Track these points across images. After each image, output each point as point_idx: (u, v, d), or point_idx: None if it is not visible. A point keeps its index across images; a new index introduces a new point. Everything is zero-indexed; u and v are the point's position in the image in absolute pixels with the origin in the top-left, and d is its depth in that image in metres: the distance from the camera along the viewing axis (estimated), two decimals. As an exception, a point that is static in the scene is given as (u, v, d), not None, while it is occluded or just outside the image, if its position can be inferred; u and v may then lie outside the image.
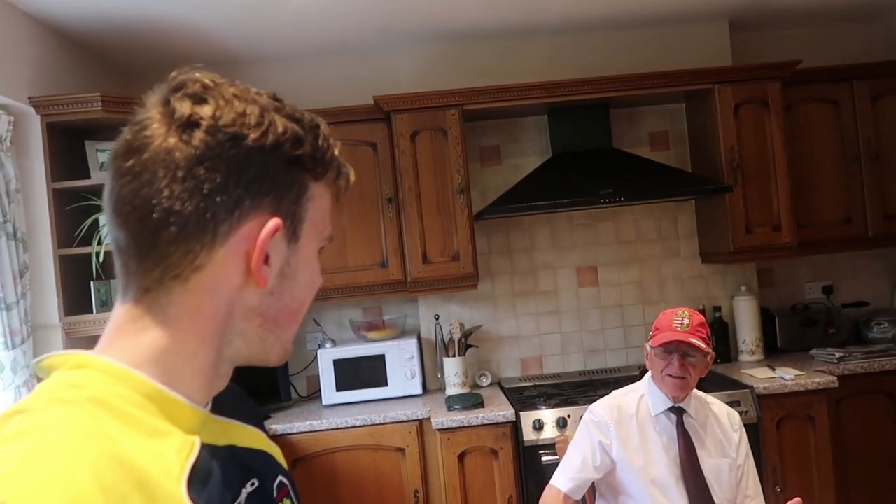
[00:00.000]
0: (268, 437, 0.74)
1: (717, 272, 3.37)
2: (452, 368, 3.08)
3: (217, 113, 0.61)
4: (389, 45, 3.25)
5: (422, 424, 2.84)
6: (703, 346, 1.85)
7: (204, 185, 0.60)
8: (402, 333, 3.27)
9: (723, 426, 1.96)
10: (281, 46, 3.19)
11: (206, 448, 0.61)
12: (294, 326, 0.70)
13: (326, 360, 3.08)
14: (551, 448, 2.46)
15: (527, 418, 2.72)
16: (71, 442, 0.53)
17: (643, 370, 2.04)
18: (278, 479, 0.72)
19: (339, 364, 3.09)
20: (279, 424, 2.82)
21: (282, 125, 0.64)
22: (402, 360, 3.10)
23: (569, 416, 2.70)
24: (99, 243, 2.52)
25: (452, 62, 3.28)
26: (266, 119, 0.63)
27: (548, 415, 2.73)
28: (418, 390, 3.11)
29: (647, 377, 2.00)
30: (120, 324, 0.63)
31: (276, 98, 0.66)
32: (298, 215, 0.65)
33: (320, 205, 0.68)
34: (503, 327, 3.35)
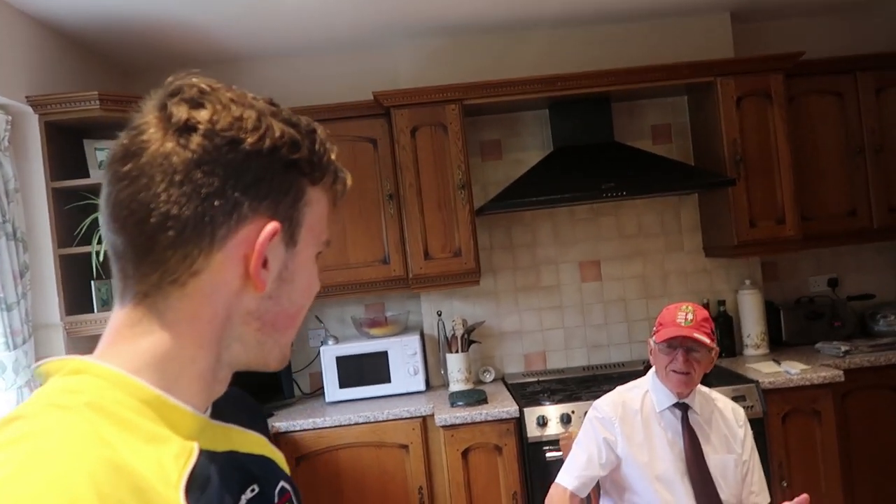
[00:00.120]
0: (270, 442, 0.74)
1: (720, 266, 3.35)
2: (455, 364, 3.07)
3: (214, 117, 0.62)
4: (388, 40, 3.23)
5: (425, 421, 2.83)
6: (708, 341, 1.84)
7: (202, 189, 0.60)
8: (405, 330, 3.26)
9: (728, 422, 1.95)
10: (279, 43, 3.17)
11: (205, 454, 0.61)
12: (292, 331, 0.69)
13: (329, 357, 3.08)
14: (555, 444, 2.45)
15: (530, 414, 2.71)
16: (68, 447, 0.52)
17: (647, 365, 2.02)
18: (280, 485, 0.72)
19: (342, 361, 3.08)
20: (282, 422, 2.81)
21: (279, 129, 0.64)
22: (404, 356, 3.09)
23: (573, 412, 2.69)
24: (99, 242, 2.51)
25: (452, 57, 3.26)
26: (263, 123, 0.63)
27: (552, 411, 2.72)
28: (421, 387, 3.10)
29: (651, 373, 1.99)
30: (118, 328, 0.63)
31: (272, 103, 0.66)
32: (296, 219, 0.65)
33: (317, 209, 0.68)
34: (506, 323, 3.34)
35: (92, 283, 2.63)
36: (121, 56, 3.10)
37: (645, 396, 1.96)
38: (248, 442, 0.70)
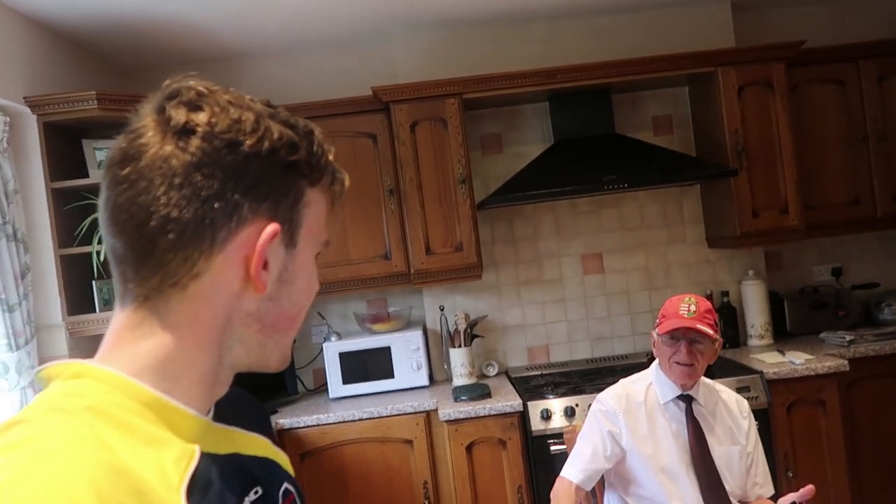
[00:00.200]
0: (274, 444, 0.74)
1: (723, 257, 3.34)
2: (458, 359, 3.07)
3: (213, 120, 0.62)
4: (387, 34, 3.22)
5: (429, 416, 2.83)
6: (711, 332, 1.83)
7: (201, 191, 0.60)
8: (408, 325, 3.26)
9: (732, 413, 1.94)
10: (278, 40, 3.15)
11: (207, 457, 0.61)
12: (293, 332, 0.70)
13: (332, 353, 3.08)
14: (559, 437, 2.44)
15: (534, 408, 2.71)
16: (68, 451, 0.52)
17: (651, 357, 2.02)
18: (283, 487, 0.73)
19: (345, 357, 3.08)
20: (286, 419, 2.81)
21: (277, 131, 0.64)
22: (407, 351, 3.08)
23: (576, 405, 2.68)
24: (100, 242, 2.51)
25: (451, 51, 3.24)
26: (262, 125, 0.63)
27: (555, 404, 2.71)
28: (425, 381, 3.10)
29: (655, 365, 1.98)
30: (119, 331, 0.63)
31: (270, 105, 0.67)
32: (295, 221, 0.66)
33: (316, 210, 0.68)
34: (509, 316, 3.33)
35: (93, 283, 2.63)
36: (118, 55, 3.09)
37: (649, 389, 1.96)
38: (251, 444, 0.70)
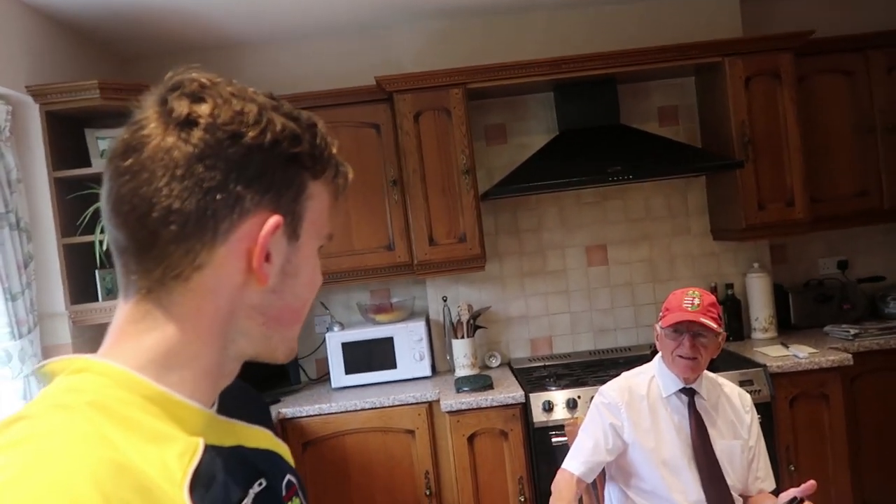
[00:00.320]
0: (275, 436, 0.75)
1: (728, 249, 3.32)
2: (461, 350, 3.07)
3: (215, 111, 0.61)
4: (390, 24, 3.19)
5: (431, 406, 2.84)
6: (715, 326, 1.82)
7: (203, 183, 0.60)
8: (411, 315, 3.26)
9: (735, 407, 1.94)
10: (280, 28, 3.13)
11: (211, 449, 0.61)
12: (297, 325, 0.70)
13: (335, 343, 3.08)
14: (561, 429, 2.44)
15: (536, 400, 2.71)
16: (70, 449, 0.52)
17: (654, 349, 2.01)
18: (286, 478, 0.73)
19: (348, 347, 3.08)
20: (289, 408, 2.82)
21: (280, 123, 0.64)
22: (410, 342, 3.08)
23: (578, 397, 2.68)
24: (102, 232, 2.51)
25: (455, 40, 3.22)
26: (264, 117, 0.63)
27: (558, 396, 2.71)
28: (427, 372, 3.10)
29: (658, 358, 1.98)
30: (122, 325, 0.63)
31: (273, 97, 0.66)
32: (298, 213, 0.65)
33: (319, 203, 0.68)
34: (512, 308, 3.33)
35: (96, 272, 2.63)
36: (120, 44, 3.08)
37: (651, 382, 1.95)
38: (255, 436, 0.70)
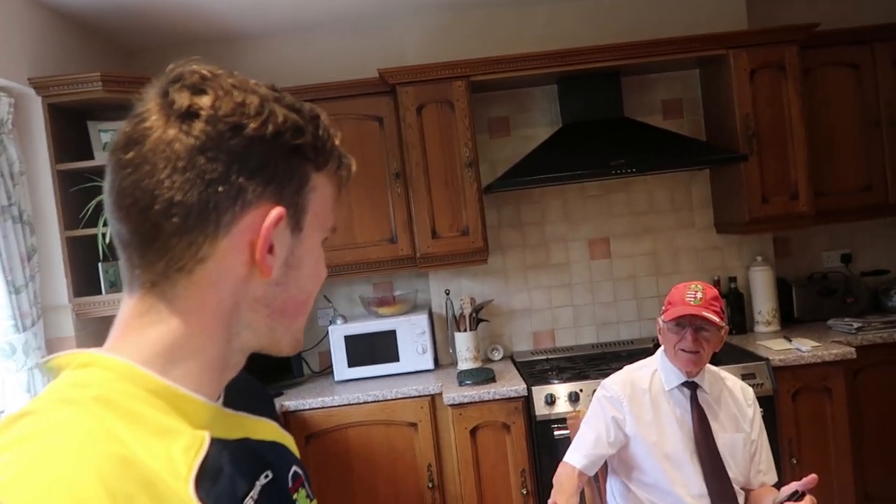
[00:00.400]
0: (281, 427, 0.75)
1: (732, 243, 3.31)
2: (464, 343, 3.07)
3: (216, 103, 0.61)
4: (393, 16, 3.18)
5: (434, 399, 2.84)
6: (717, 319, 1.82)
7: (205, 175, 0.60)
8: (413, 308, 3.26)
9: (737, 401, 1.94)
10: (282, 21, 3.12)
11: (217, 443, 0.61)
12: (302, 318, 0.69)
13: (338, 336, 3.08)
14: (563, 422, 2.44)
15: (539, 393, 2.71)
16: (74, 444, 0.52)
17: (657, 343, 2.01)
18: (293, 470, 0.73)
19: (351, 340, 3.08)
20: (292, 401, 2.83)
21: (282, 115, 0.63)
22: (413, 335, 3.09)
23: (581, 391, 2.68)
24: (105, 225, 2.51)
25: (458, 32, 3.20)
26: (266, 109, 0.63)
27: (560, 389, 2.71)
28: (430, 365, 3.11)
29: (660, 352, 1.98)
30: (127, 319, 0.63)
31: (275, 88, 0.66)
32: (301, 205, 0.65)
33: (322, 195, 0.68)
34: (515, 301, 3.33)
35: (99, 265, 2.63)
36: (122, 36, 3.07)
37: (654, 375, 1.95)
38: (260, 428, 0.71)
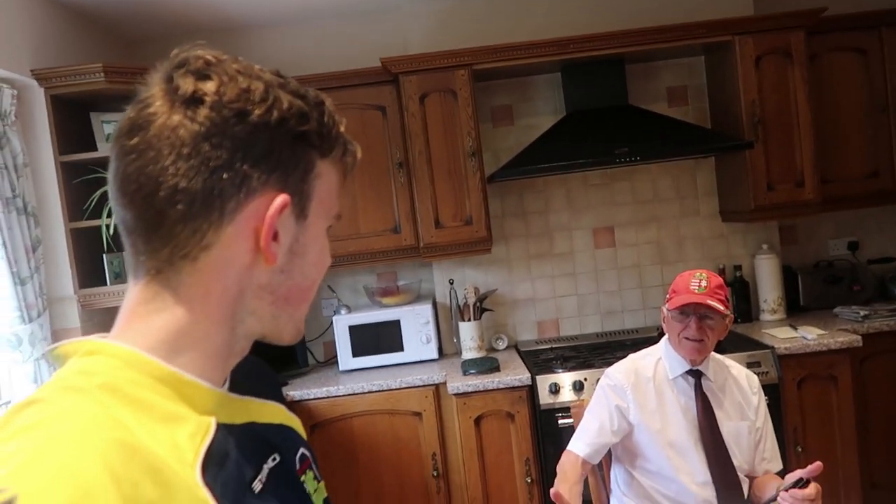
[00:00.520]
0: (287, 410, 0.75)
1: (737, 231, 3.30)
2: (468, 332, 3.07)
3: (221, 89, 0.61)
4: (395, 4, 3.16)
5: (438, 389, 2.85)
6: (722, 308, 1.81)
7: (210, 162, 0.60)
8: (417, 298, 3.26)
9: (742, 389, 1.93)
10: (284, 10, 3.11)
11: (223, 428, 0.61)
12: (305, 305, 0.69)
13: (342, 326, 3.09)
14: (568, 411, 2.44)
15: (543, 382, 2.71)
16: (80, 432, 0.52)
17: (661, 331, 2.00)
18: (300, 452, 0.73)
19: (355, 330, 3.09)
20: (296, 391, 2.84)
21: (287, 101, 0.63)
22: (417, 325, 3.09)
23: (585, 380, 2.68)
24: (109, 216, 2.52)
25: (461, 21, 3.18)
26: (271, 95, 0.62)
27: (564, 378, 2.71)
28: (434, 355, 3.11)
29: (664, 340, 1.97)
30: (132, 306, 0.63)
31: (280, 74, 0.65)
32: (306, 192, 0.65)
33: (327, 182, 0.67)
34: (519, 290, 3.32)
35: (104, 256, 2.64)
36: (124, 26, 3.07)
37: (657, 364, 1.95)
38: (267, 412, 0.71)
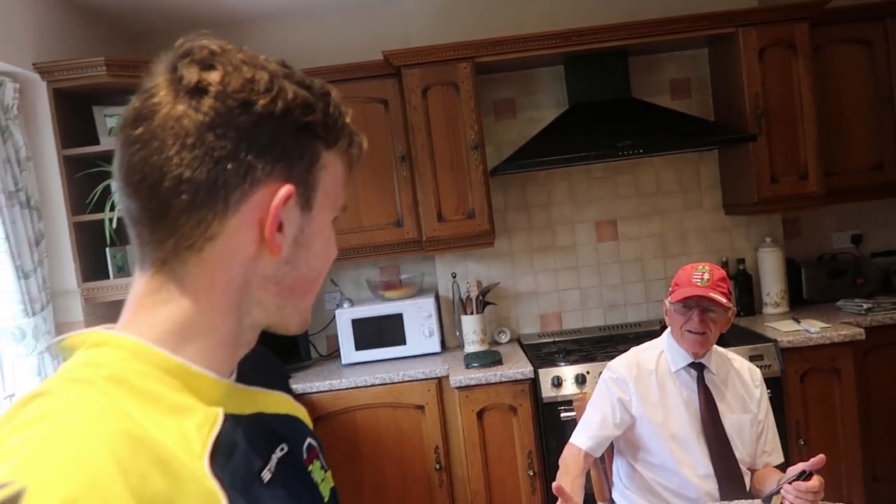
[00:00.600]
0: (294, 400, 0.75)
1: (741, 224, 3.29)
2: (470, 326, 3.07)
3: (225, 79, 0.60)
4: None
5: (441, 382, 2.85)
6: (724, 300, 1.81)
7: (214, 152, 0.59)
8: (420, 292, 3.26)
9: (744, 382, 1.93)
10: (287, 3, 3.10)
11: (231, 418, 0.61)
12: (311, 296, 0.69)
13: (345, 319, 3.09)
14: (570, 404, 2.45)
15: (545, 375, 2.71)
16: (87, 423, 0.52)
17: (664, 325, 2.00)
18: (307, 442, 0.74)
19: (358, 324, 3.09)
20: (300, 384, 2.84)
21: (292, 92, 0.62)
22: (420, 318, 3.09)
23: (587, 373, 2.68)
24: (112, 209, 2.52)
25: (463, 13, 3.17)
26: (275, 85, 0.62)
27: (567, 371, 2.71)
28: (437, 348, 3.11)
29: (667, 333, 1.97)
30: (139, 297, 0.63)
31: (285, 65, 0.65)
32: (311, 183, 0.64)
33: (333, 173, 0.67)
34: (521, 284, 3.32)
35: (107, 249, 2.64)
36: (128, 20, 3.06)
37: (660, 357, 1.95)
38: (274, 402, 0.71)
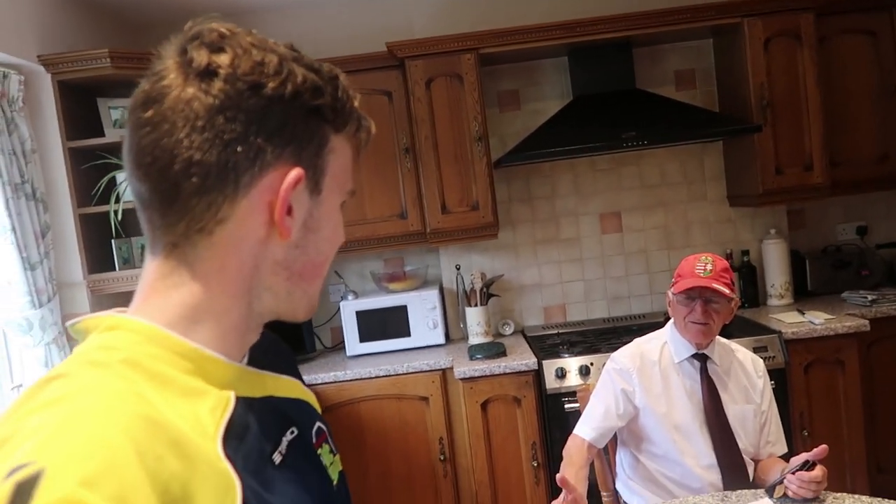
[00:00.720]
0: (303, 384, 0.76)
1: (745, 215, 3.28)
2: (475, 318, 3.08)
3: (235, 62, 0.60)
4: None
5: (445, 374, 2.86)
6: (727, 291, 1.81)
7: (224, 135, 0.60)
8: (424, 284, 3.27)
9: (747, 372, 1.93)
10: (291, -6, 3.10)
11: (243, 402, 0.62)
12: (319, 281, 0.69)
13: (349, 311, 3.10)
14: (574, 396, 2.45)
15: (549, 367, 2.72)
16: (104, 406, 0.53)
17: (668, 317, 2.00)
18: (316, 426, 0.74)
19: (362, 315, 3.10)
20: (304, 376, 2.79)
21: (301, 75, 0.62)
22: (424, 310, 3.10)
23: (591, 364, 2.69)
24: (117, 201, 2.53)
25: (467, 4, 3.17)
26: (285, 68, 0.62)
27: (571, 363, 2.72)
28: (441, 340, 3.12)
29: (670, 324, 1.97)
30: (151, 281, 0.63)
31: (293, 48, 0.65)
32: (320, 167, 0.65)
33: (341, 157, 0.67)
34: (525, 276, 3.32)
35: (112, 241, 2.66)
36: (131, 12, 3.06)
37: (663, 348, 1.95)
38: (284, 386, 0.71)
